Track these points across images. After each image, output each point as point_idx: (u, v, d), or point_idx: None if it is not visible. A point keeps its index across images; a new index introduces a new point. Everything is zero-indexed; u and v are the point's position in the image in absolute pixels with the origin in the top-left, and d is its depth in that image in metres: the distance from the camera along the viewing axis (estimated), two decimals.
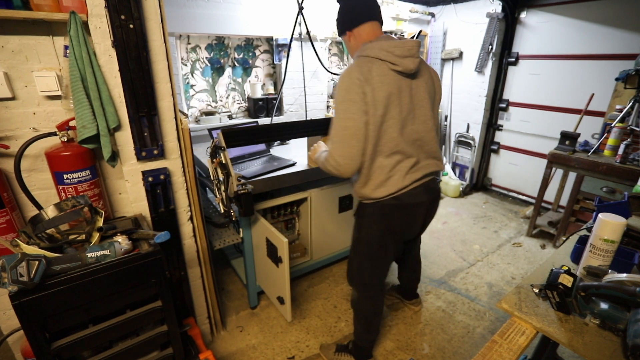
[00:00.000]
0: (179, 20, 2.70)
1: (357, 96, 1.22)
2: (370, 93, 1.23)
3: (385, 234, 1.46)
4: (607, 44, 2.98)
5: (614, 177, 2.41)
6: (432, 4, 4.09)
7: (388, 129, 1.29)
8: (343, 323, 2.09)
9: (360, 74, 1.23)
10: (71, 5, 1.14)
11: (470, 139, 4.10)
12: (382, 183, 1.36)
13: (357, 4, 1.34)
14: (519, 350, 0.89)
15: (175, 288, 1.68)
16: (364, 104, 1.23)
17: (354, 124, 1.24)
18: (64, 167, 1.22)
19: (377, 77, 1.24)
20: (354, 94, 1.23)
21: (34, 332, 1.02)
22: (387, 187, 1.36)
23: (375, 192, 1.38)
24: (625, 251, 1.13)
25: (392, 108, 1.27)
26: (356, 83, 1.22)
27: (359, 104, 1.23)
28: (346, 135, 1.25)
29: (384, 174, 1.34)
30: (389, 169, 1.34)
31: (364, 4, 1.34)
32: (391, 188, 1.36)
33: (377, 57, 1.26)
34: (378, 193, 1.37)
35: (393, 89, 1.26)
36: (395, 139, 1.31)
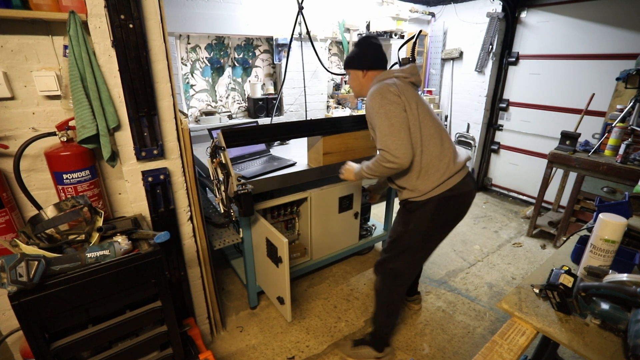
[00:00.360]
0: (179, 20, 2.70)
1: (394, 98, 1.43)
2: (403, 97, 1.45)
3: (434, 228, 1.57)
4: (607, 44, 2.98)
5: (615, 177, 2.41)
6: (432, 4, 4.09)
7: (424, 120, 1.48)
8: (343, 323, 2.09)
9: (392, 85, 1.46)
10: (70, 4, 1.14)
11: (470, 139, 4.10)
12: (435, 170, 1.49)
13: (379, 54, 1.61)
14: (519, 351, 0.88)
15: (175, 288, 1.67)
16: (401, 102, 1.43)
17: (398, 119, 1.41)
18: (64, 167, 1.22)
19: (402, 86, 1.48)
20: (391, 96, 1.43)
21: (33, 333, 1.02)
22: (439, 175, 1.49)
23: (429, 183, 1.49)
24: (626, 251, 1.13)
25: (420, 108, 1.49)
26: (391, 91, 1.44)
27: (397, 104, 1.42)
28: (394, 129, 1.40)
29: (435, 160, 1.49)
30: (438, 153, 1.50)
31: (383, 56, 1.62)
32: (444, 175, 1.49)
33: (394, 76, 1.53)
34: (433, 183, 1.49)
35: (415, 94, 1.51)
36: (432, 128, 1.50)
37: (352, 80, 1.67)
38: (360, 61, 1.61)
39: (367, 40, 1.64)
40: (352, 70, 1.64)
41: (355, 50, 1.64)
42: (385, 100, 1.42)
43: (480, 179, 4.28)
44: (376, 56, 1.61)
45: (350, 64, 1.65)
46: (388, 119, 1.40)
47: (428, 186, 1.49)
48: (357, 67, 1.62)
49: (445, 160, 1.50)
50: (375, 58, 1.60)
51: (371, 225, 2.72)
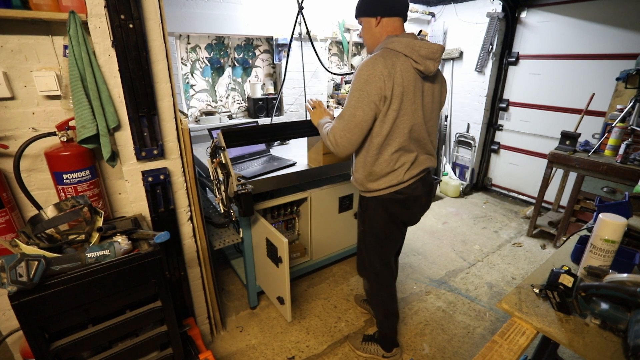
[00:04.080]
0: (179, 20, 2.70)
1: (374, 89, 1.25)
2: (390, 87, 1.26)
3: (389, 224, 1.53)
4: (607, 44, 2.98)
5: (615, 177, 2.41)
6: (432, 4, 4.09)
7: (400, 124, 1.33)
8: (343, 323, 2.09)
9: (384, 67, 1.25)
10: (70, 4, 1.14)
11: (470, 139, 4.10)
12: (384, 175, 1.42)
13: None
14: (519, 351, 0.88)
15: (175, 288, 1.67)
16: (378, 98, 1.26)
17: (363, 115, 1.28)
18: (64, 167, 1.22)
19: (400, 72, 1.27)
20: (372, 86, 1.25)
21: (33, 333, 1.02)
22: (387, 180, 1.42)
23: (375, 184, 1.44)
24: (626, 251, 1.13)
25: (406, 104, 1.31)
26: (377, 75, 1.24)
27: (372, 97, 1.26)
28: (352, 122, 1.30)
29: (388, 167, 1.40)
30: (393, 163, 1.40)
31: (399, 2, 1.35)
32: (392, 180, 1.41)
33: (402, 53, 1.29)
34: (378, 184, 1.43)
35: (410, 87, 1.30)
36: (405, 135, 1.36)
37: (365, 31, 1.41)
38: (373, 4, 1.34)
39: None
40: (364, 17, 1.39)
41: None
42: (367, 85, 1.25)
43: (480, 179, 4.28)
44: (394, 2, 1.33)
45: (362, 9, 1.38)
46: (355, 108, 1.28)
47: (373, 186, 1.45)
48: (369, 13, 1.36)
49: (400, 169, 1.41)
50: (392, 3, 1.32)
51: None
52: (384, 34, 1.36)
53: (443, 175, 4.20)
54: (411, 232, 3.20)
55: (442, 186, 4.12)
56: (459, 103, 4.18)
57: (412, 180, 1.45)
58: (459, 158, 4.32)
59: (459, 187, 4.02)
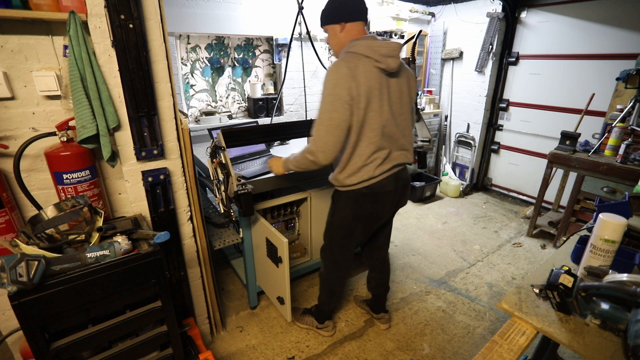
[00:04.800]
0: (179, 20, 2.70)
1: (344, 91, 1.31)
2: (355, 88, 1.32)
3: (356, 218, 1.58)
4: (607, 44, 2.98)
5: (615, 177, 2.41)
6: (432, 4, 4.09)
7: (369, 120, 1.39)
8: (343, 323, 2.09)
9: (347, 69, 1.32)
10: (70, 4, 1.14)
11: (470, 139, 4.10)
12: (357, 170, 1.47)
13: (352, 2, 1.41)
14: (519, 351, 0.88)
15: (175, 288, 1.67)
16: (349, 98, 1.32)
17: (340, 116, 1.33)
18: (64, 167, 1.22)
19: (362, 73, 1.33)
20: (341, 88, 1.31)
21: (33, 333, 1.02)
22: (359, 175, 1.47)
23: (348, 179, 1.49)
24: (626, 251, 1.13)
25: (373, 102, 1.37)
26: (343, 78, 1.31)
27: (344, 98, 1.32)
28: (332, 125, 1.35)
29: (360, 162, 1.45)
30: (365, 158, 1.45)
31: (362, 4, 1.44)
32: (364, 176, 1.47)
33: (363, 54, 1.35)
34: (351, 180, 1.49)
35: (375, 85, 1.36)
36: (374, 131, 1.41)
37: (331, 38, 1.49)
38: (336, 13, 1.42)
39: None
40: (329, 25, 1.46)
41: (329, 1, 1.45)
42: (336, 88, 1.31)
43: (480, 179, 4.28)
44: (353, 4, 1.41)
45: (326, 18, 1.46)
46: (330, 112, 1.33)
47: (347, 181, 1.50)
48: (333, 20, 1.43)
49: (372, 164, 1.45)
50: (352, 7, 1.40)
51: None
52: (348, 38, 1.43)
53: (443, 175, 4.20)
54: (411, 232, 3.20)
55: (442, 186, 4.12)
56: (459, 103, 4.18)
57: (384, 175, 1.50)
58: (459, 158, 4.32)
59: (459, 187, 4.02)
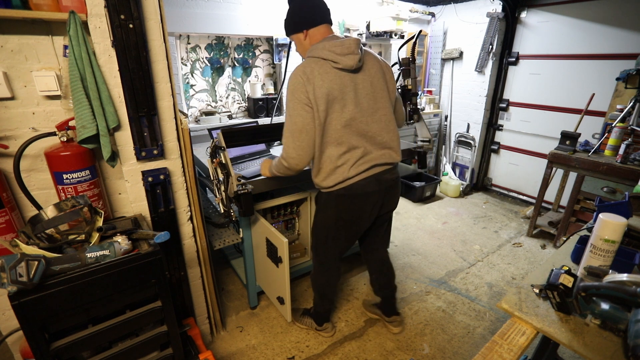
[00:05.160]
0: (179, 20, 2.70)
1: (302, 95, 1.33)
2: (312, 91, 1.32)
3: (338, 220, 1.58)
4: (607, 44, 2.98)
5: (615, 177, 2.41)
6: (432, 4, 4.09)
7: (332, 121, 1.38)
8: (343, 323, 2.09)
9: (303, 74, 1.33)
10: (70, 4, 1.14)
11: (470, 139, 4.10)
12: (331, 172, 1.46)
13: (309, 6, 1.40)
14: (519, 351, 0.88)
15: (175, 288, 1.67)
16: (308, 101, 1.33)
17: (302, 119, 1.35)
18: (64, 167, 1.22)
19: (319, 76, 1.33)
20: (299, 93, 1.33)
21: (33, 333, 1.02)
22: (334, 177, 1.46)
23: (325, 182, 1.49)
24: (626, 251, 1.13)
25: (334, 103, 1.36)
26: (300, 82, 1.33)
27: (304, 102, 1.34)
28: (295, 130, 1.36)
29: (332, 164, 1.45)
30: (336, 159, 1.44)
31: (322, 6, 1.42)
32: (339, 177, 1.46)
33: (320, 57, 1.36)
34: (327, 182, 1.49)
35: (334, 86, 1.35)
36: (339, 131, 1.40)
37: (297, 46, 1.49)
38: (301, 20, 1.41)
39: None
40: (293, 35, 1.46)
41: (290, 8, 1.43)
42: (295, 94, 1.33)
43: (480, 179, 4.28)
44: (312, 9, 1.39)
45: (290, 28, 1.46)
46: (293, 117, 1.35)
47: (324, 184, 1.50)
48: (296, 30, 1.43)
49: (345, 165, 1.44)
50: (311, 13, 1.39)
51: None
52: (312, 43, 1.43)
53: (443, 175, 4.20)
54: (411, 232, 3.20)
55: (442, 186, 4.12)
56: (459, 103, 4.18)
57: (362, 176, 1.47)
58: (459, 158, 4.32)
59: (459, 187, 4.02)
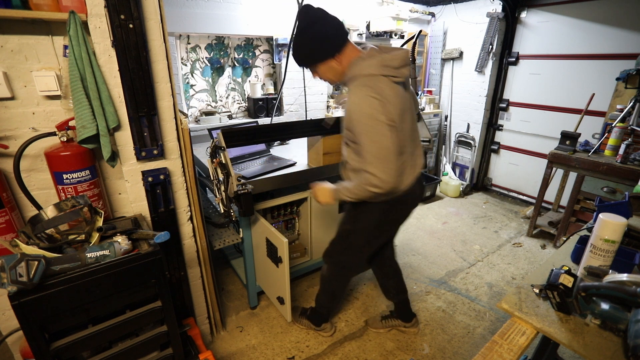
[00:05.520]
0: (179, 20, 2.70)
1: (383, 116, 1.24)
2: (392, 110, 1.26)
3: (382, 225, 1.57)
4: (607, 44, 2.98)
5: (615, 177, 2.41)
6: (432, 4, 4.09)
7: (405, 133, 1.38)
8: (343, 323, 2.09)
9: (377, 94, 1.24)
10: (70, 4, 1.14)
11: (470, 139, 4.10)
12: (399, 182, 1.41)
13: (333, 27, 1.29)
14: (519, 351, 0.88)
15: (175, 288, 1.67)
16: (392, 121, 1.26)
17: (391, 141, 1.26)
18: (64, 167, 1.22)
19: (391, 93, 1.27)
20: (380, 114, 1.23)
21: (33, 333, 1.02)
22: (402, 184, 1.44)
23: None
24: (626, 251, 1.13)
25: (406, 116, 1.36)
26: (378, 103, 1.23)
27: (387, 123, 1.25)
28: (387, 154, 1.26)
29: (398, 173, 1.38)
30: (402, 168, 1.42)
31: (339, 26, 1.31)
32: (401, 185, 1.44)
33: (380, 74, 1.27)
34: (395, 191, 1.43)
35: (403, 100, 1.34)
36: (406, 140, 1.40)
37: (326, 72, 1.36)
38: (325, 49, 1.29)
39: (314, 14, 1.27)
40: (321, 64, 1.33)
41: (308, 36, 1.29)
42: (376, 115, 1.23)
43: (480, 179, 4.28)
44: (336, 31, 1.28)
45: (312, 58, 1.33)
46: (381, 142, 1.25)
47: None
48: (325, 57, 1.30)
49: (407, 170, 1.44)
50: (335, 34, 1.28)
51: None
52: (345, 66, 1.33)
53: (443, 175, 4.19)
54: (411, 232, 3.20)
55: (442, 186, 4.12)
56: (459, 103, 4.18)
57: (412, 181, 1.50)
58: (459, 158, 4.32)
59: (459, 187, 4.02)
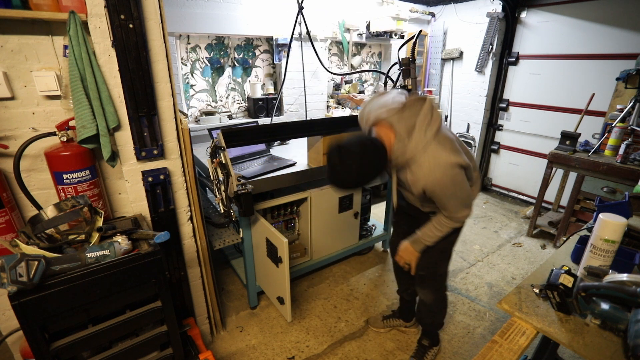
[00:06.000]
0: (179, 20, 2.70)
1: (460, 175, 1.26)
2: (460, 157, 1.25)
3: (455, 240, 1.59)
4: (607, 44, 2.98)
5: (615, 177, 2.41)
6: (432, 4, 4.09)
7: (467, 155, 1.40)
8: (343, 323, 2.09)
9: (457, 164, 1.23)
10: (70, 4, 1.14)
11: (470, 139, 4.10)
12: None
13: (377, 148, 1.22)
14: (519, 351, 0.88)
15: (175, 288, 1.67)
16: (464, 168, 1.27)
17: (467, 184, 1.31)
18: (64, 167, 1.22)
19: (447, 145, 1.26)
20: (457, 176, 1.25)
21: (33, 333, 1.02)
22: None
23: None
24: (626, 251, 1.13)
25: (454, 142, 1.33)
26: (461, 172, 1.25)
27: (462, 175, 1.27)
28: (469, 195, 1.34)
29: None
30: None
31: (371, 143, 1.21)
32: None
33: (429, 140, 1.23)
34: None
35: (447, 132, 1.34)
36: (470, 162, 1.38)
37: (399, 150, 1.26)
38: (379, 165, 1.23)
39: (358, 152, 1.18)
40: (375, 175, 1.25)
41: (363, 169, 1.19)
42: (461, 183, 1.26)
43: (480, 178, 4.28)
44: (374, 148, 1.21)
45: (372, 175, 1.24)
46: (462, 193, 1.29)
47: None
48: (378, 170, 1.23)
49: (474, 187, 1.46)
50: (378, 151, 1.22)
51: (371, 225, 2.71)
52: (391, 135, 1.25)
53: None
54: None
55: None
56: (459, 103, 4.18)
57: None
58: None
59: None
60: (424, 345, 1.84)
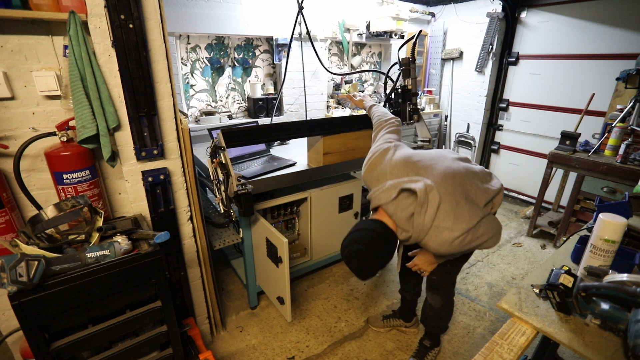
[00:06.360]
0: (179, 20, 2.70)
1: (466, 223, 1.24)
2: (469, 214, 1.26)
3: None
4: (607, 44, 2.98)
5: (615, 177, 2.41)
6: (432, 4, 4.09)
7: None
8: (343, 323, 2.09)
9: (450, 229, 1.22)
10: (70, 4, 1.14)
11: (470, 139, 4.10)
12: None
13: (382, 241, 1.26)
14: (519, 351, 0.88)
15: (175, 288, 1.67)
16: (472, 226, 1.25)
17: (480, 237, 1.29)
18: (64, 167, 1.22)
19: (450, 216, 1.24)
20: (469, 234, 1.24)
21: (33, 333, 1.02)
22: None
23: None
24: (626, 251, 1.13)
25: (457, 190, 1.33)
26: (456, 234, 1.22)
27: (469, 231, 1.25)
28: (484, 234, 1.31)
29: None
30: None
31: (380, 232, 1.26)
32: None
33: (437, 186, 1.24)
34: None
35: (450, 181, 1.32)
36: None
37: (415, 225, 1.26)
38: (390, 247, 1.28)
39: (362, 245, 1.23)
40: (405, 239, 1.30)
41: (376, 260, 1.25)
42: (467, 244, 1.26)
43: None
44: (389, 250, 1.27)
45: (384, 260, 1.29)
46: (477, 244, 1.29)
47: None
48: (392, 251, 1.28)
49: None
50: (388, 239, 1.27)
51: None
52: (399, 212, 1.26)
53: None
54: None
55: None
56: (459, 103, 4.19)
57: None
58: None
59: None
60: (426, 345, 1.84)
